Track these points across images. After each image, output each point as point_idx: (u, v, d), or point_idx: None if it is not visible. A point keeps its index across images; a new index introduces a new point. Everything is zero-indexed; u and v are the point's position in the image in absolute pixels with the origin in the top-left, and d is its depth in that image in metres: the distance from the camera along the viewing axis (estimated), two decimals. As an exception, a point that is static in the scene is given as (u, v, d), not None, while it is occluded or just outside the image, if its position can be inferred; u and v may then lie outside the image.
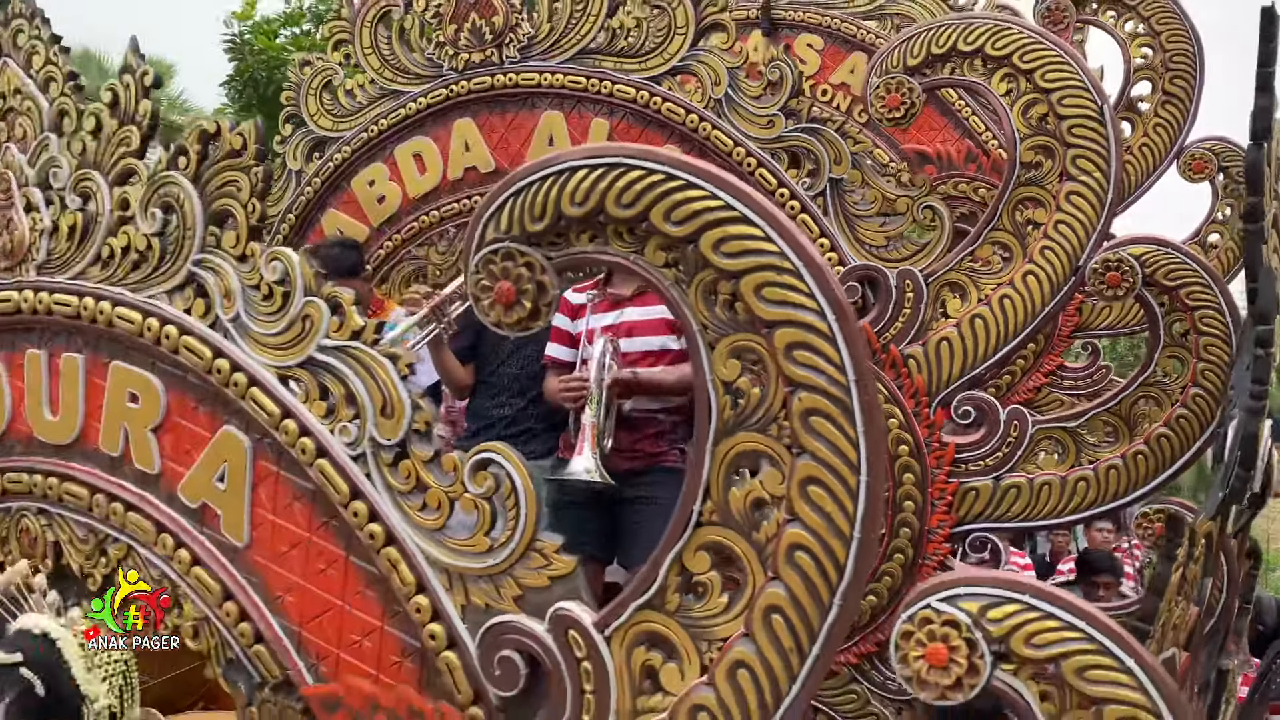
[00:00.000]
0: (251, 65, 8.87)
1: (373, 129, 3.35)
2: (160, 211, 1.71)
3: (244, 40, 9.15)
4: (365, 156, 3.37)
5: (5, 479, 1.90)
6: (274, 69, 8.78)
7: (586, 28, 3.01)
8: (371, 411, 1.51)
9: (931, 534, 2.51)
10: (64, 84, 1.85)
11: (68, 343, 1.84)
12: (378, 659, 1.54)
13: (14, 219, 1.87)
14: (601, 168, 1.20)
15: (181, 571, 1.69)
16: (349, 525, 1.54)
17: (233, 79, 9.30)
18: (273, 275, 1.59)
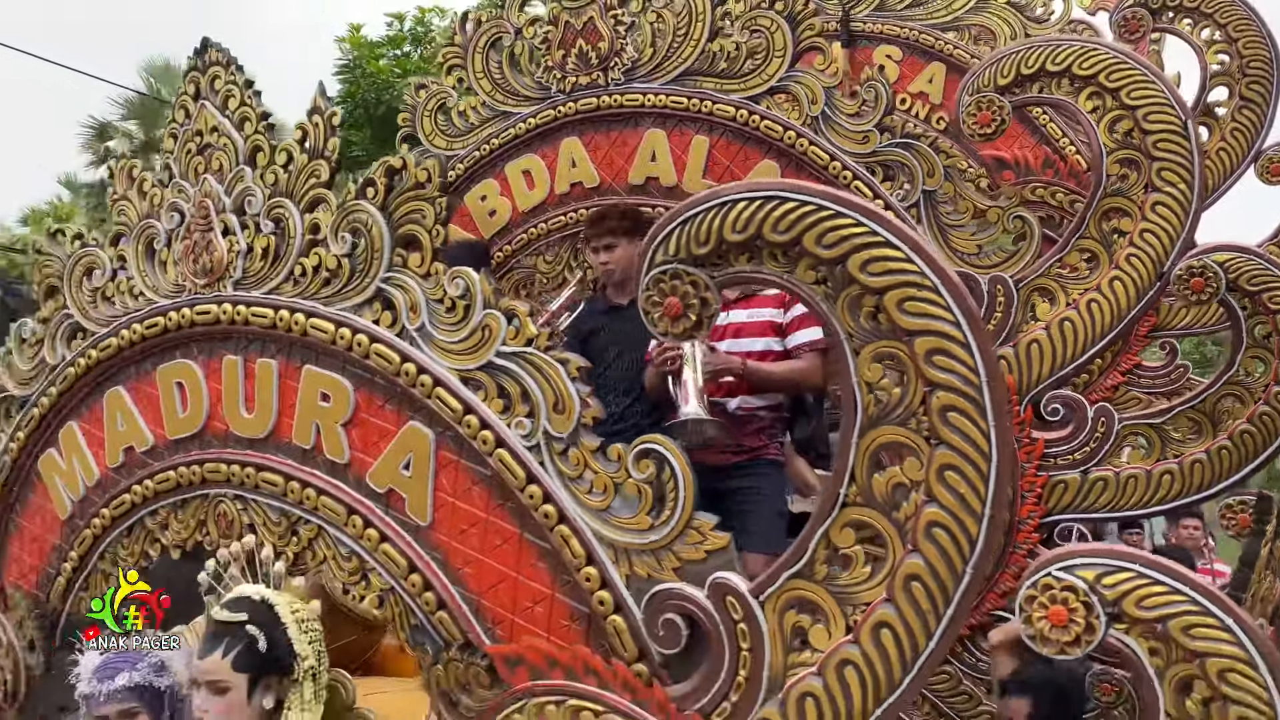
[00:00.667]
0: (362, 87, 9.26)
1: (484, 148, 3.60)
2: (349, 235, 1.97)
3: (355, 63, 9.54)
4: (477, 173, 3.63)
5: (204, 469, 2.18)
6: (381, 90, 9.17)
7: (688, 51, 3.22)
8: (545, 408, 1.74)
9: (1022, 524, 2.67)
10: (257, 123, 2.12)
11: (262, 349, 2.11)
12: (548, 623, 1.77)
13: (213, 241, 2.14)
14: (760, 199, 1.41)
15: (370, 548, 1.95)
16: (524, 506, 1.77)
17: (343, 100, 9.72)
18: (455, 291, 1.84)
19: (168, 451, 2.25)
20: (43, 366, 2.45)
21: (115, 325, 2.30)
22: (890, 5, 4.51)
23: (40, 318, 2.47)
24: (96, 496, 2.38)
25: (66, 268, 2.41)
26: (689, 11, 3.21)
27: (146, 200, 2.29)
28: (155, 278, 2.26)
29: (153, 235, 2.27)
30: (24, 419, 2.47)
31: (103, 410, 2.36)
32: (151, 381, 2.28)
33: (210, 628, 1.90)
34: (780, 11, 3.07)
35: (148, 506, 2.29)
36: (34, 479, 2.50)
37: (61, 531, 2.46)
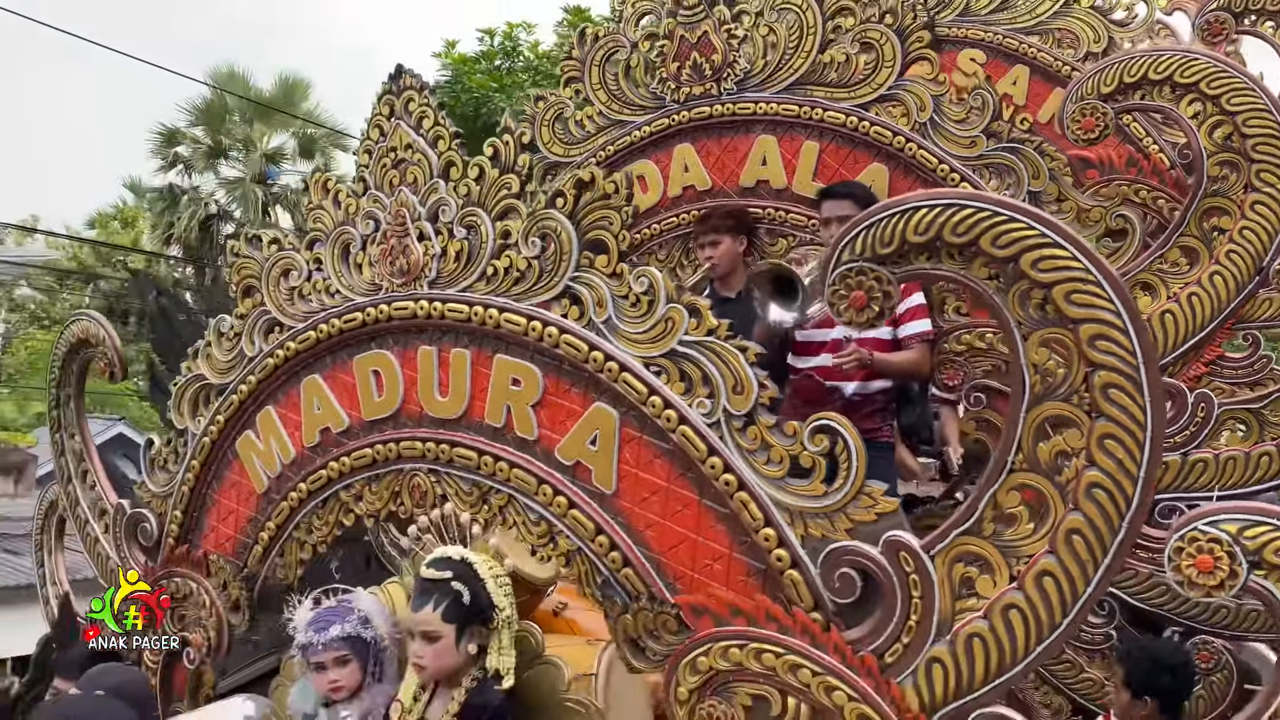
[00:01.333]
0: (462, 100, 9.64)
1: (600, 154, 3.85)
2: (539, 240, 2.23)
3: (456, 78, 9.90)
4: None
5: (400, 446, 2.47)
6: (480, 103, 9.54)
7: (799, 62, 3.45)
8: (725, 390, 1.99)
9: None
10: (450, 141, 2.39)
11: (455, 340, 2.39)
12: (726, 578, 2.02)
13: (409, 245, 2.42)
14: (940, 206, 1.65)
15: (558, 514, 2.21)
16: (704, 476, 2.02)
17: None
18: (640, 288, 2.09)
19: (363, 432, 2.54)
20: (240, 357, 2.76)
21: (313, 320, 2.60)
22: (975, 10, 4.68)
23: (238, 314, 2.78)
24: (292, 473, 2.68)
25: (264, 269, 2.71)
26: (800, 25, 3.44)
27: (342, 209, 2.58)
28: (351, 278, 2.55)
29: (349, 240, 2.56)
30: (223, 404, 2.78)
31: (300, 396, 2.66)
32: (348, 370, 2.57)
33: (419, 585, 2.18)
34: (890, 25, 3.29)
35: (343, 481, 2.58)
36: (231, 458, 2.81)
37: (258, 505, 2.76)
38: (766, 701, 1.91)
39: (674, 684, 2.00)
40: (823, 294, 1.76)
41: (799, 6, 3.42)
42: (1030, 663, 1.69)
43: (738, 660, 1.93)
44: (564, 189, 2.20)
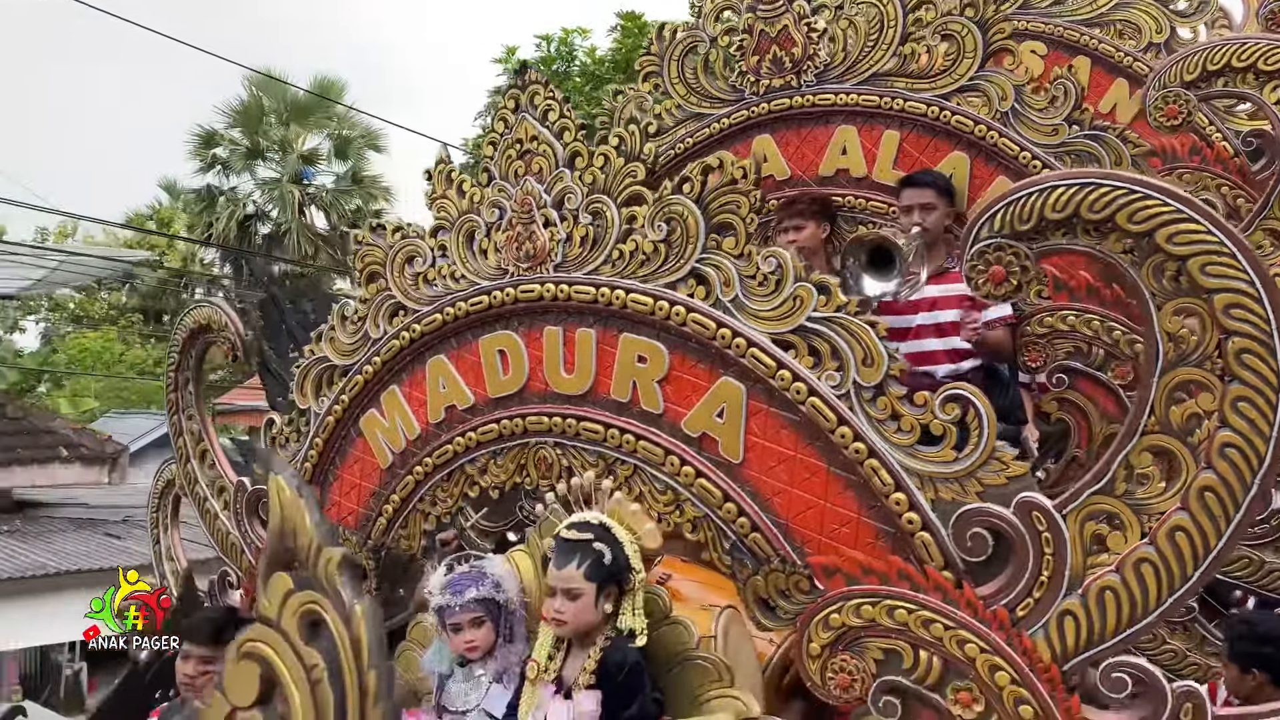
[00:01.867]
0: None
1: (679, 146, 3.97)
2: (665, 224, 2.36)
3: None
4: (673, 170, 4.01)
5: (526, 421, 2.61)
6: None
7: (879, 55, 3.55)
8: (854, 363, 2.12)
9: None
10: (575, 133, 2.53)
11: (580, 320, 2.52)
12: (855, 541, 2.14)
13: (535, 231, 2.56)
14: (1077, 185, 1.76)
15: (685, 483, 2.35)
16: (833, 445, 2.15)
17: None
18: (768, 268, 2.22)
19: (488, 408, 2.69)
20: (364, 340, 2.91)
21: (439, 303, 2.74)
22: (1034, 3, 4.76)
23: (361, 298, 2.93)
24: (417, 448, 2.82)
25: (389, 256, 2.85)
26: (880, 18, 3.54)
27: (466, 198, 2.72)
28: (476, 263, 2.69)
29: (473, 228, 2.70)
30: (348, 384, 2.93)
31: (425, 375, 2.80)
32: (473, 350, 2.71)
33: (561, 545, 2.31)
34: (971, 17, 3.39)
35: (468, 455, 2.72)
36: (355, 435, 2.96)
37: (381, 479, 2.91)
38: (898, 655, 2.04)
39: (806, 640, 2.12)
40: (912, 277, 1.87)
41: (880, 1, 3.53)
42: (1161, 613, 1.80)
43: (870, 616, 2.05)
44: (691, 174, 2.33)
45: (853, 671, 2.08)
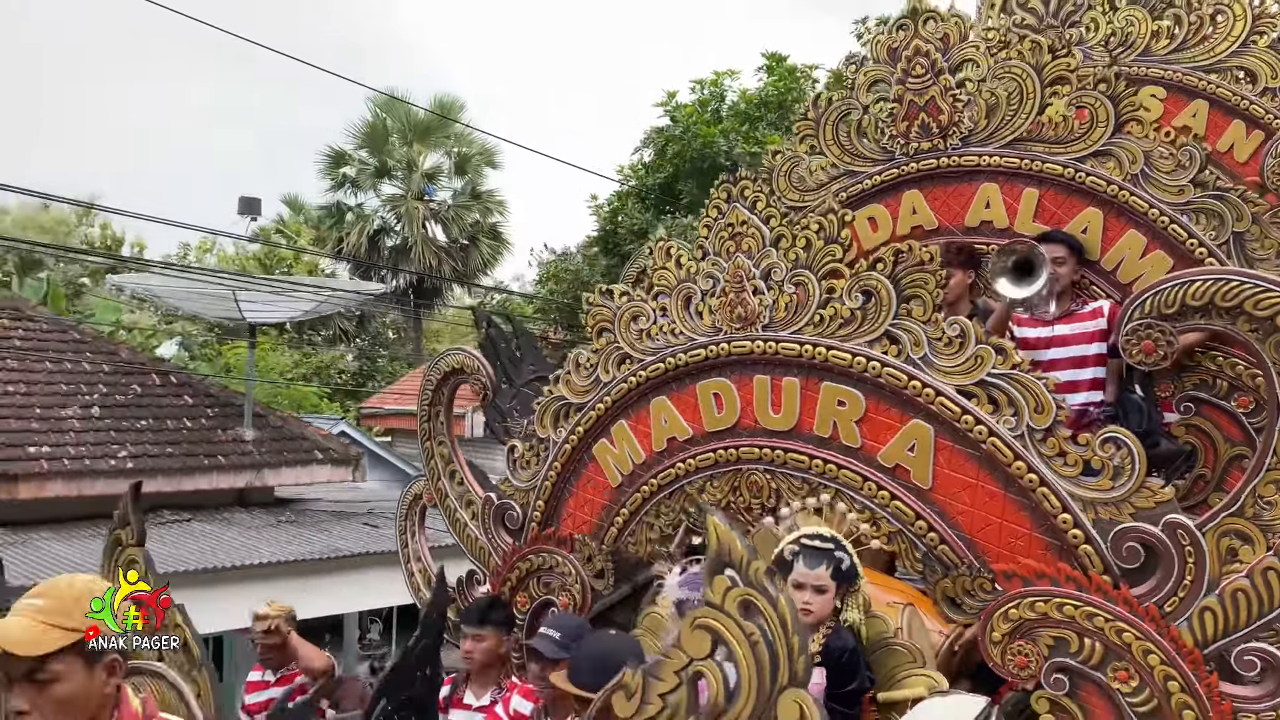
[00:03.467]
0: (691, 146, 10.63)
1: (833, 200, 4.54)
2: (861, 294, 2.95)
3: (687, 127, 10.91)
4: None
5: (740, 450, 3.22)
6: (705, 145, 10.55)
7: (1019, 122, 4.04)
8: (1028, 410, 2.66)
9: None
10: (780, 219, 3.13)
11: (786, 371, 3.12)
12: (1028, 552, 2.69)
13: (746, 298, 3.17)
14: (1211, 280, 2.28)
15: (881, 504, 2.93)
16: (1009, 475, 2.70)
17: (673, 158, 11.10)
18: (953, 332, 2.78)
19: (705, 440, 3.31)
20: (596, 382, 3.57)
21: (661, 354, 3.38)
22: (1154, 51, 5.15)
23: (592, 349, 3.58)
24: (642, 472, 3.47)
25: (616, 315, 3.50)
26: (1020, 90, 4.04)
27: (683, 270, 3.35)
28: (693, 322, 3.32)
29: (690, 294, 3.33)
30: (582, 418, 3.60)
31: (649, 412, 3.45)
32: (691, 393, 3.34)
33: (808, 551, 2.85)
34: (1104, 91, 3.86)
35: (688, 478, 3.36)
36: (588, 460, 3.63)
37: (611, 495, 3.57)
38: (1066, 641, 2.58)
39: (989, 630, 2.68)
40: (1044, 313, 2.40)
41: (1019, 75, 4.02)
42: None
43: (1043, 611, 2.60)
44: (884, 256, 2.91)
45: (1028, 655, 2.62)
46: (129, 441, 7.46)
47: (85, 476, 6.89)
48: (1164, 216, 3.78)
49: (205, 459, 7.63)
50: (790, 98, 11.36)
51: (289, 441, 8.18)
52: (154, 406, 7.87)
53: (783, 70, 11.74)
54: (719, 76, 12.08)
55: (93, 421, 7.40)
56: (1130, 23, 5.10)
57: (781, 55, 11.87)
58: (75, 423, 7.36)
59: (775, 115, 11.04)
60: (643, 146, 11.87)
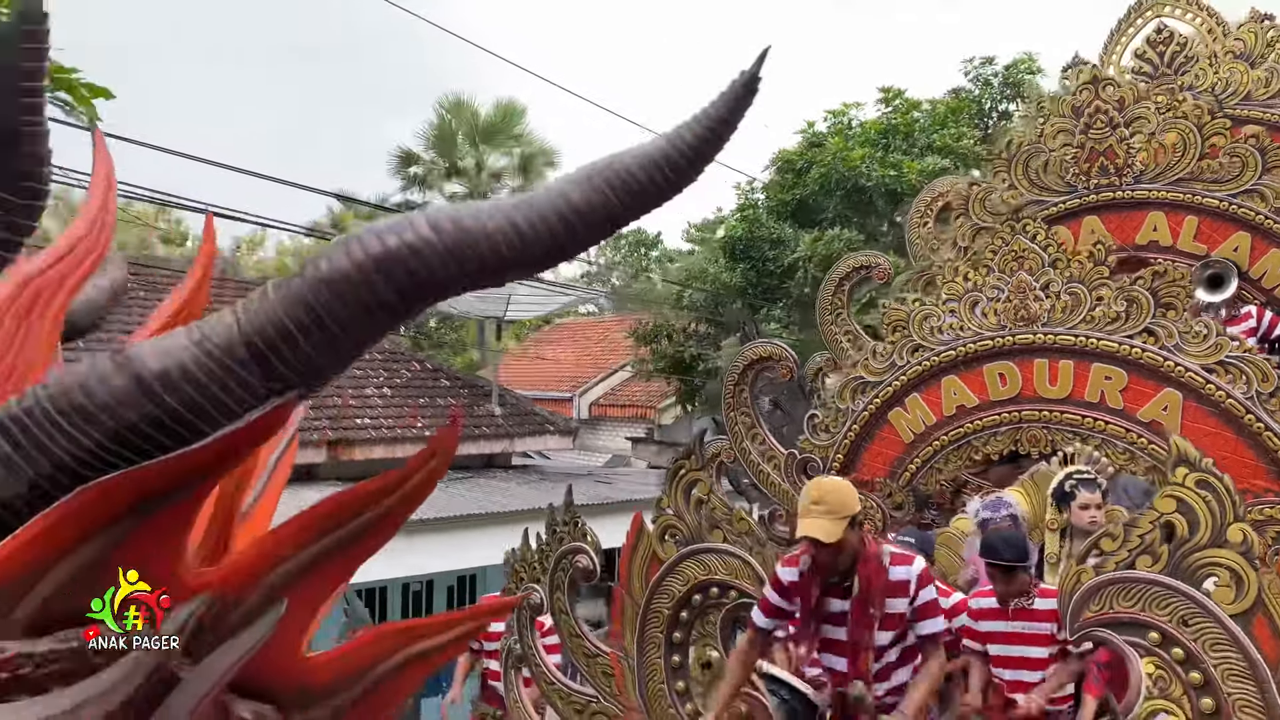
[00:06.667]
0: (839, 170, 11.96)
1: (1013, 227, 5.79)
2: (1125, 301, 4.19)
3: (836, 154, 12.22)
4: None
5: (1022, 412, 4.47)
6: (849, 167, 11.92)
7: (1183, 166, 5.31)
8: (1255, 379, 3.92)
9: None
10: (1057, 249, 4.37)
11: (1060, 356, 4.37)
12: (1253, 477, 3.95)
13: (1028, 303, 4.42)
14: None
15: (1140, 448, 4.18)
16: (1241, 424, 3.95)
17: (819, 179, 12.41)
18: (1201, 330, 4.03)
19: (989, 406, 4.56)
20: (891, 366, 4.80)
21: (951, 344, 4.62)
22: (1255, 97, 6.43)
23: (888, 341, 4.82)
24: (933, 430, 4.71)
25: (910, 315, 4.74)
26: (1184, 141, 5.30)
27: (970, 282, 4.59)
28: (978, 321, 4.56)
29: (976, 300, 4.57)
30: (880, 391, 4.84)
31: (940, 388, 4.69)
32: (978, 373, 4.58)
33: (1084, 482, 4.11)
34: (1253, 145, 5.12)
35: (975, 434, 4.60)
36: (883, 424, 4.87)
37: (903, 449, 4.81)
38: (1288, 535, 3.84)
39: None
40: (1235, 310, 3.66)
41: (1183, 131, 5.29)
42: None
43: (1269, 515, 3.86)
44: (1143, 274, 4.16)
45: (1258, 545, 3.88)
46: (421, 415, 8.84)
47: (398, 442, 8.26)
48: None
49: (467, 430, 9.08)
50: (917, 127, 12.70)
51: (525, 416, 9.54)
52: (424, 387, 9.32)
53: (906, 104, 13.12)
54: (846, 108, 13.48)
55: (389, 399, 8.74)
56: (1233, 73, 6.38)
57: (900, 89, 13.25)
58: (378, 400, 8.65)
59: (903, 141, 12.38)
60: (770, 166, 13.25)
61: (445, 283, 1.06)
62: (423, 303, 1.08)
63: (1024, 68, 13.79)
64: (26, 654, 0.92)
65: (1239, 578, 2.72)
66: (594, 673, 3.85)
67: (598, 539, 3.93)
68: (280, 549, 1.08)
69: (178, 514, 0.98)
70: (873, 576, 2.95)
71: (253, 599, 1.08)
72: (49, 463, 0.92)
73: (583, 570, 3.85)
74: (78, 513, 0.90)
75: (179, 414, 0.96)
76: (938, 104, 13.30)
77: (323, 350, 1.01)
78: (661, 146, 1.08)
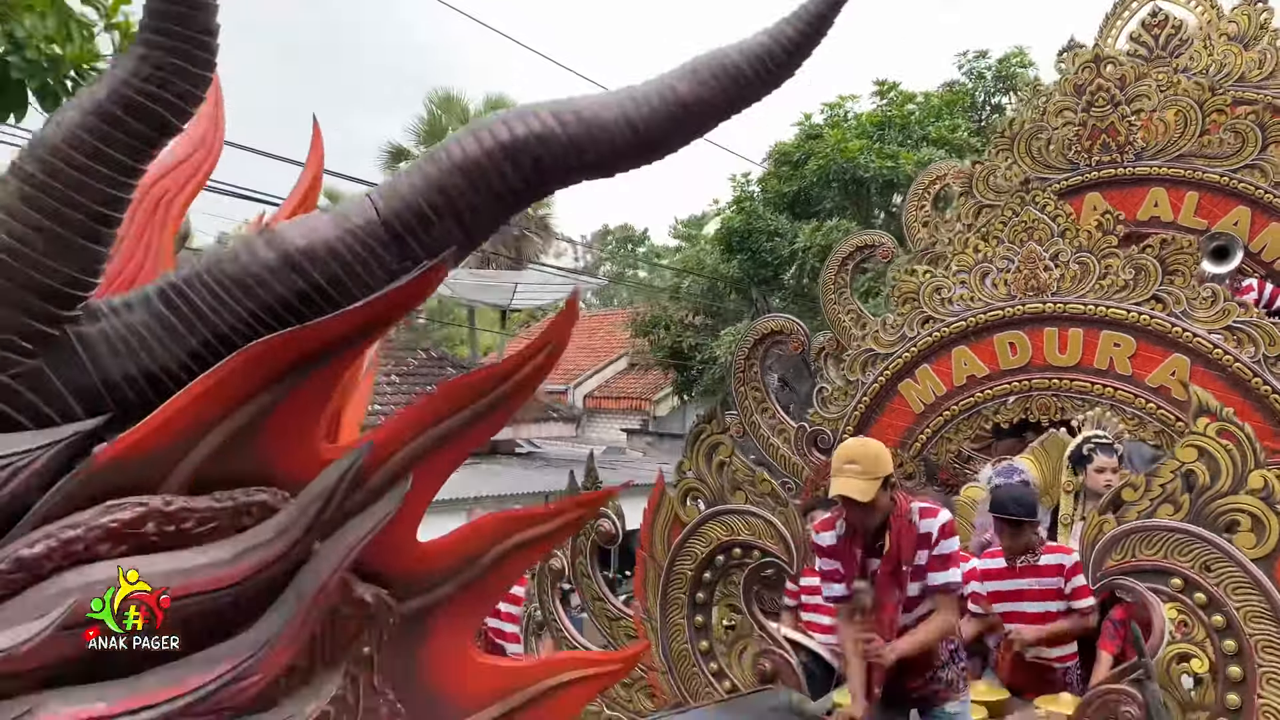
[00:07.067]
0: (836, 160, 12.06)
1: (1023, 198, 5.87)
2: (1133, 269, 4.27)
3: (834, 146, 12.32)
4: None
5: (1031, 382, 4.55)
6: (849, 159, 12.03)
7: (1183, 142, 5.40)
8: (1263, 344, 4.00)
9: None
10: (1066, 218, 4.44)
11: (1070, 324, 4.45)
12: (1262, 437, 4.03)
13: (1038, 273, 4.49)
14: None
15: (1149, 413, 4.26)
16: (1248, 387, 4.04)
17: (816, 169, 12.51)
18: (1206, 294, 4.11)
19: (999, 377, 4.63)
20: (901, 338, 4.87)
21: (962, 314, 4.69)
22: (1249, 79, 6.54)
23: (898, 313, 4.89)
24: (943, 401, 4.79)
25: (920, 287, 4.81)
26: (1185, 118, 5.39)
27: (980, 254, 4.66)
28: (989, 291, 4.64)
29: (986, 270, 4.64)
30: (889, 364, 4.90)
31: (950, 358, 4.76)
32: (988, 343, 4.66)
33: (1102, 447, 4.20)
34: (1253, 120, 5.22)
35: (985, 404, 4.68)
36: (893, 395, 4.94)
37: (914, 419, 4.88)
38: None
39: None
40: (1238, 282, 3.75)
41: (1185, 108, 5.38)
42: None
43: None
44: (1151, 242, 4.24)
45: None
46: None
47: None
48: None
49: None
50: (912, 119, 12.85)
51: (530, 404, 9.64)
52: (430, 375, 9.36)
53: (901, 96, 13.28)
54: (842, 100, 13.62)
55: (397, 385, 8.80)
56: (1227, 55, 6.47)
57: (895, 82, 13.40)
58: (386, 386, 8.70)
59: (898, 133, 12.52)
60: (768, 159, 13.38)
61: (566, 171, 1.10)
62: (545, 189, 1.13)
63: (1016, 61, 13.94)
64: (189, 509, 0.96)
65: (1260, 523, 2.80)
66: (616, 635, 3.90)
67: (619, 505, 3.97)
68: (405, 430, 1.12)
69: (321, 384, 1.03)
70: (903, 532, 3.01)
71: (378, 477, 1.12)
72: (207, 331, 0.97)
73: (605, 534, 3.89)
74: (235, 376, 0.95)
75: (323, 288, 1.00)
76: (931, 96, 13.43)
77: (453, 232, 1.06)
78: (764, 41, 1.13)
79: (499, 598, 1.31)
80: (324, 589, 1.05)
